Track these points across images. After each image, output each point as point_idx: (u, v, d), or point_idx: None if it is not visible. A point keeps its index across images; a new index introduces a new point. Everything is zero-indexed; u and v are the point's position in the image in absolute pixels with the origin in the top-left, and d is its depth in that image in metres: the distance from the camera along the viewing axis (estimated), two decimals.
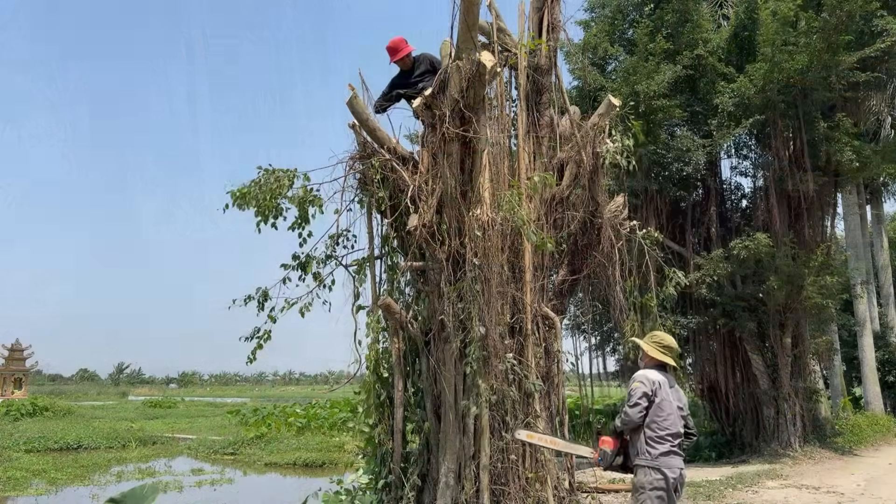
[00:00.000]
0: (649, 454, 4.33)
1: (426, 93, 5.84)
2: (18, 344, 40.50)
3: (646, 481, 4.31)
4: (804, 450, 14.11)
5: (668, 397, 4.43)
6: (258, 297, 6.51)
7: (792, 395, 14.49)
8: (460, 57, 5.56)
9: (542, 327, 7.00)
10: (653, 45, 13.54)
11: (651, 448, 4.34)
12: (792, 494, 9.80)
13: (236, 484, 14.05)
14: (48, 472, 14.68)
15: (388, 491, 6.39)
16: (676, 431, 4.38)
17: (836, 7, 12.68)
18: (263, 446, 18.80)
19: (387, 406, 6.49)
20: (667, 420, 4.37)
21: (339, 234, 6.68)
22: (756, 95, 13.58)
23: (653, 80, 13.18)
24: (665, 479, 4.27)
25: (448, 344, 5.87)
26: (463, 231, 5.86)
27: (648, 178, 14.35)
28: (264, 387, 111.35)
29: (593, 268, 7.77)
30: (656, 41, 13.57)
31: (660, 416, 4.37)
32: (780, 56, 13.13)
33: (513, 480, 6.10)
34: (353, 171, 6.54)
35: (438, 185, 5.94)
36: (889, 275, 23.15)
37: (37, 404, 30.44)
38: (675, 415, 4.42)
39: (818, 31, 12.93)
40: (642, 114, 12.87)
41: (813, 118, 14.03)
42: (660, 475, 4.28)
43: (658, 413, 4.38)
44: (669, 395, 4.45)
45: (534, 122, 7.68)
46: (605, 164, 7.60)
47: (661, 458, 4.30)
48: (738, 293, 14.08)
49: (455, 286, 5.79)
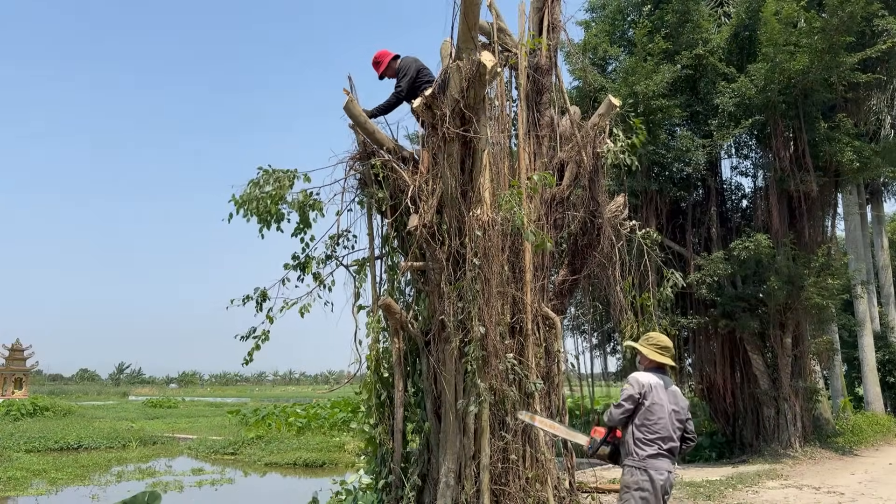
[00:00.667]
0: (637, 455, 4.35)
1: (426, 93, 5.84)
2: (19, 344, 40.46)
3: (631, 481, 4.35)
4: (804, 450, 14.10)
5: (662, 400, 4.42)
6: (256, 298, 6.51)
7: (792, 395, 14.49)
8: (461, 57, 5.56)
9: (542, 327, 7.00)
10: (652, 46, 13.55)
11: (639, 449, 4.36)
12: (792, 494, 9.80)
13: (237, 484, 14.05)
14: (48, 472, 14.67)
15: (388, 491, 6.39)
16: (667, 435, 4.38)
17: (838, 7, 12.68)
18: (264, 446, 18.79)
19: (387, 406, 6.49)
20: (657, 423, 4.37)
21: (339, 234, 6.68)
22: (757, 95, 13.59)
23: (652, 80, 13.19)
24: (651, 480, 4.28)
25: (448, 344, 5.87)
26: (463, 231, 5.86)
27: (648, 178, 14.35)
28: (265, 387, 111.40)
29: (593, 268, 7.77)
30: (655, 41, 13.57)
31: (650, 420, 4.38)
32: (781, 56, 13.13)
33: (513, 480, 6.10)
34: (353, 172, 6.55)
35: (439, 185, 5.95)
36: (889, 275, 23.15)
37: (37, 404, 30.43)
38: (668, 418, 4.41)
39: (820, 32, 12.93)
40: (641, 113, 12.88)
41: (813, 118, 14.03)
42: (645, 476, 4.29)
43: (648, 416, 4.38)
44: (664, 398, 4.44)
45: (534, 122, 7.68)
46: (607, 164, 7.60)
47: (649, 460, 4.32)
48: (739, 293, 14.07)
49: (455, 286, 5.79)
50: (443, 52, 6.93)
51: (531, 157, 7.54)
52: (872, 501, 9.18)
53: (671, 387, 4.54)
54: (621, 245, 7.67)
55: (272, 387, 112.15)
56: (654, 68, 13.33)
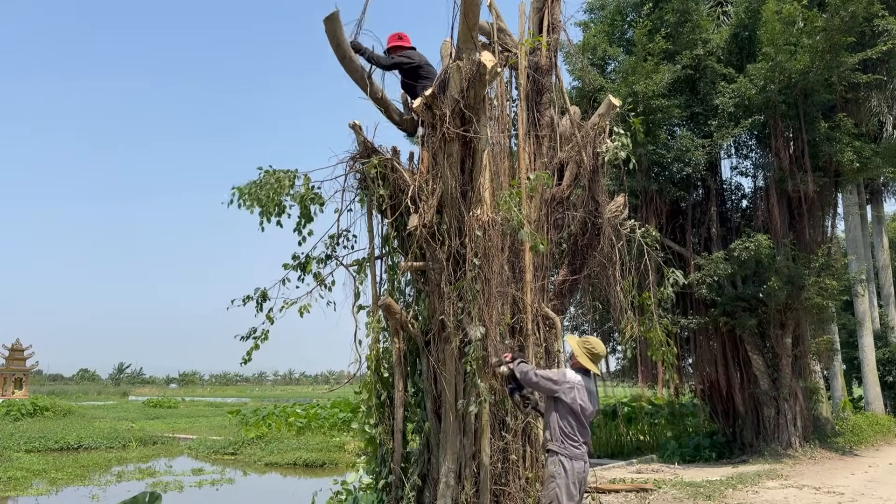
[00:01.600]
0: (562, 444, 4.73)
1: (426, 92, 5.84)
2: (19, 344, 40.44)
3: (556, 471, 4.69)
4: (804, 450, 14.10)
5: (585, 402, 4.80)
6: (256, 298, 6.52)
7: (792, 395, 14.49)
8: (461, 57, 5.56)
9: (542, 327, 7.00)
10: (652, 45, 13.55)
11: (565, 440, 4.73)
12: (792, 494, 9.80)
13: (237, 484, 14.05)
14: (48, 472, 14.67)
15: (388, 491, 6.39)
16: (585, 430, 4.81)
17: (840, 7, 12.66)
18: (264, 446, 18.79)
19: (387, 406, 6.49)
20: (579, 420, 4.76)
21: (339, 234, 6.68)
22: (757, 95, 13.58)
23: (651, 79, 13.19)
24: (573, 470, 4.65)
25: (448, 344, 5.87)
26: (463, 231, 5.86)
27: (648, 178, 14.35)
28: (265, 387, 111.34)
29: (593, 268, 7.77)
30: (655, 41, 13.57)
31: (573, 415, 4.75)
32: (782, 56, 13.13)
33: (513, 480, 6.11)
34: (353, 171, 6.55)
35: (439, 185, 5.95)
36: (889, 275, 23.16)
37: (37, 404, 30.41)
38: (587, 416, 4.82)
39: (822, 31, 12.91)
40: (641, 113, 12.88)
41: (813, 118, 14.03)
42: (570, 465, 4.66)
43: (572, 411, 4.75)
44: (586, 399, 4.82)
45: (534, 122, 7.68)
46: (605, 161, 7.61)
47: (572, 449, 4.71)
48: (739, 293, 14.07)
49: (455, 286, 5.79)
50: (443, 52, 6.93)
51: (531, 157, 7.54)
52: (872, 501, 9.18)
53: (591, 389, 4.96)
54: (621, 245, 7.67)
55: (272, 387, 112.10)
56: (654, 68, 13.33)
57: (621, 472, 12.42)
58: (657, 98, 13.35)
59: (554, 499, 4.59)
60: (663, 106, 13.48)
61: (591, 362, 4.95)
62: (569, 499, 4.57)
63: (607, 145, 7.56)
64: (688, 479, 11.02)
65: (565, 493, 4.57)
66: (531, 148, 7.59)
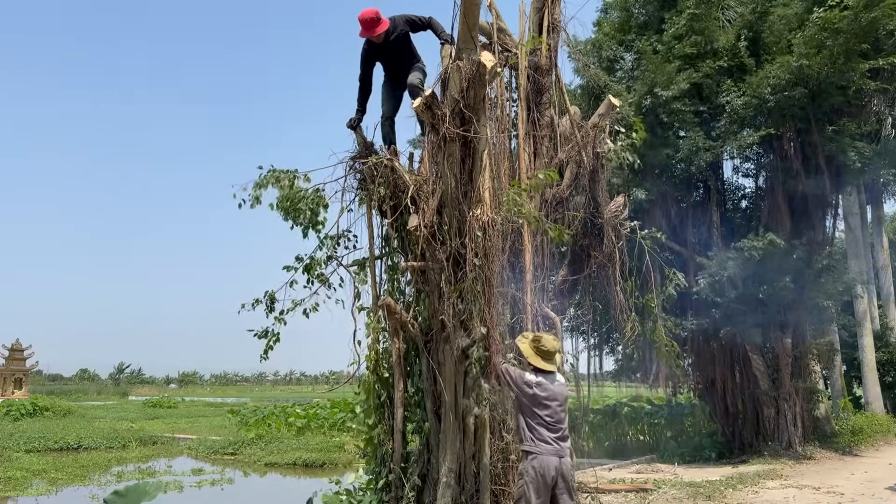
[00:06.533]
0: (533, 443, 4.75)
1: (426, 92, 5.84)
2: (19, 344, 40.40)
3: (523, 470, 4.75)
4: (804, 450, 14.10)
5: (548, 401, 4.80)
6: (266, 301, 6.53)
7: (792, 395, 14.48)
8: (461, 57, 5.56)
9: (542, 327, 7.00)
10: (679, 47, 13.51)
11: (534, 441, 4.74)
12: (792, 495, 9.79)
13: (237, 484, 14.05)
14: (48, 472, 14.66)
15: (388, 491, 6.38)
16: (559, 428, 4.79)
17: (861, 12, 12.51)
18: (264, 446, 18.78)
19: (387, 406, 6.49)
20: (546, 420, 4.77)
21: (339, 234, 6.69)
22: (771, 95, 13.35)
23: (674, 82, 13.17)
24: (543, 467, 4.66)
25: (448, 344, 5.87)
26: (463, 231, 5.85)
27: (652, 178, 14.33)
28: (264, 387, 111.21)
29: (593, 268, 7.77)
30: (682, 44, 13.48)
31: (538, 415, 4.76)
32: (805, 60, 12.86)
33: (513, 480, 6.10)
34: (353, 171, 6.55)
35: (439, 185, 5.94)
36: (889, 275, 23.15)
37: (37, 404, 30.38)
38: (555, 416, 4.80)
39: (843, 34, 12.69)
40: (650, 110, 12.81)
41: (819, 121, 13.96)
42: (537, 463, 4.67)
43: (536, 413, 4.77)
44: (550, 397, 4.81)
45: (534, 122, 7.68)
46: (610, 164, 7.61)
47: (542, 445, 4.71)
48: (739, 294, 14.07)
49: (456, 286, 5.79)
50: (443, 52, 6.93)
51: (531, 157, 7.54)
52: (872, 501, 9.18)
53: (554, 387, 4.89)
54: (621, 245, 7.67)
55: (272, 387, 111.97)
56: (674, 71, 13.31)
57: (621, 472, 12.42)
58: (673, 101, 13.33)
59: (522, 496, 4.70)
60: (677, 109, 13.46)
61: (544, 360, 4.90)
62: (537, 496, 4.64)
63: (609, 146, 7.56)
64: (688, 479, 11.02)
65: (533, 490, 4.64)
66: (531, 148, 7.59)
